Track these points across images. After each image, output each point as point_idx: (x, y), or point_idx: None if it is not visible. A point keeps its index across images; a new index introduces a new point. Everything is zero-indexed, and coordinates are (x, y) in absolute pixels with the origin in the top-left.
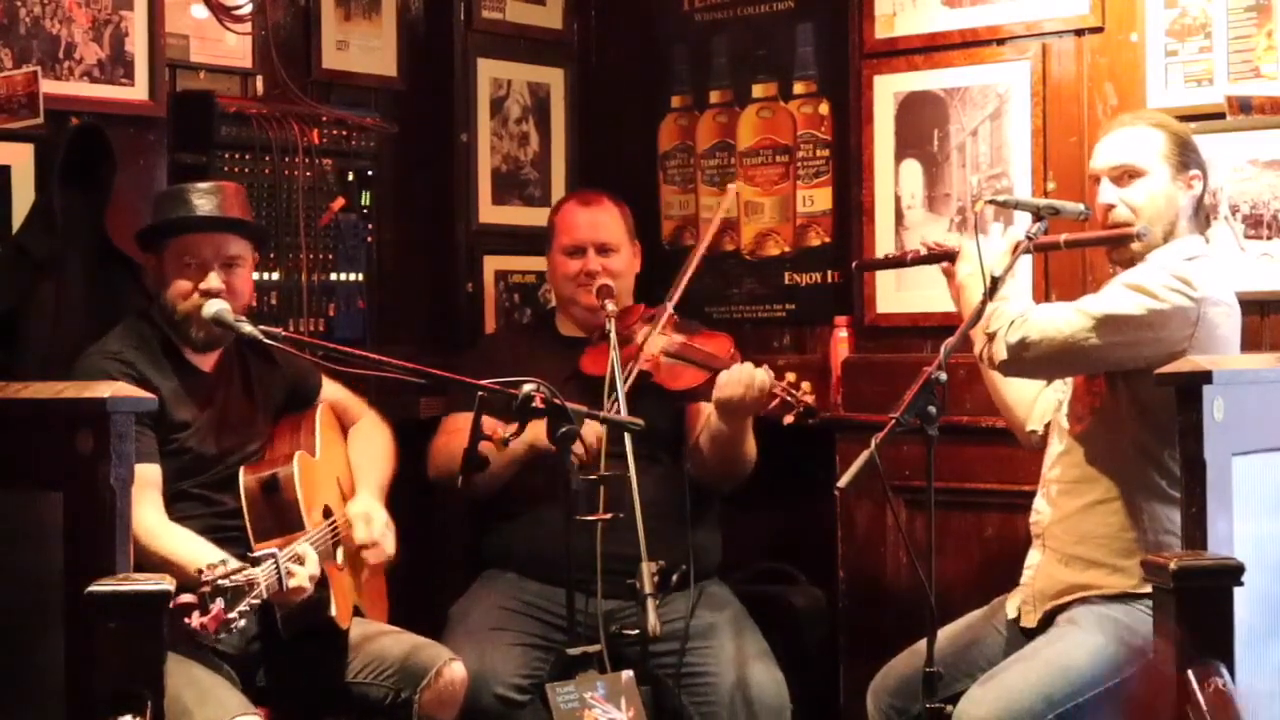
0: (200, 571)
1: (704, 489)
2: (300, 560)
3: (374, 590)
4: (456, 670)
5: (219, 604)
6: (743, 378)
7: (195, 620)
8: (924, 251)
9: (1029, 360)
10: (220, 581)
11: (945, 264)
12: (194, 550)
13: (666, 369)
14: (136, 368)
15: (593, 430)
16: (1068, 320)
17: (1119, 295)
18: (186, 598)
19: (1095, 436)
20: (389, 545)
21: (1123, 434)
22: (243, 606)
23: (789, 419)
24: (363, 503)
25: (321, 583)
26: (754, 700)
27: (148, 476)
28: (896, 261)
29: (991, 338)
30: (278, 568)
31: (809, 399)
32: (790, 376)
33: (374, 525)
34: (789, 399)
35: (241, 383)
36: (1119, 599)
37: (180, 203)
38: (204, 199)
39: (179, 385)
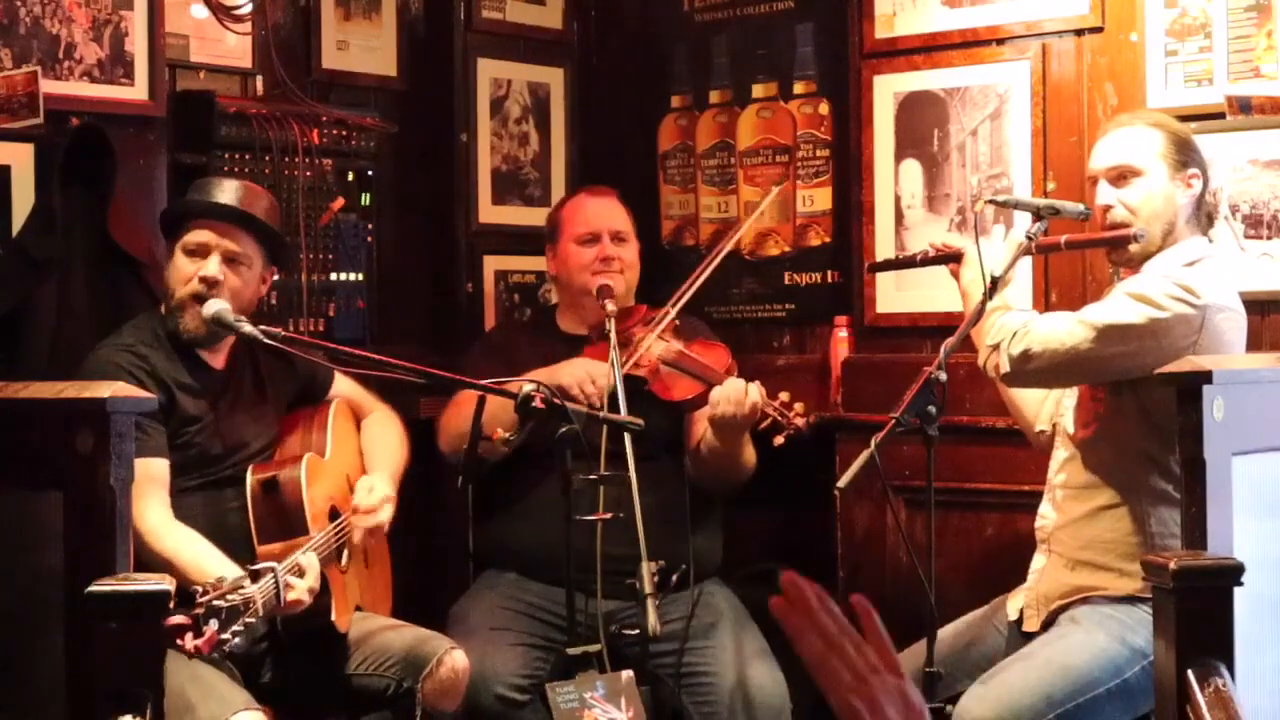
0: (197, 591)
1: (704, 492)
2: (300, 573)
3: (379, 582)
4: (458, 659)
5: (213, 625)
6: (735, 396)
7: (189, 643)
8: (932, 252)
9: (1031, 372)
10: (215, 602)
11: (952, 264)
12: (196, 553)
13: (662, 377)
14: (149, 361)
15: (586, 374)
16: (1070, 331)
17: (1121, 305)
18: (180, 619)
19: (1100, 442)
20: (383, 514)
21: (1128, 439)
22: (237, 626)
23: (779, 440)
24: (369, 479)
25: (323, 589)
26: (754, 700)
27: (157, 472)
28: (907, 262)
29: (994, 349)
30: (276, 583)
31: (800, 421)
32: (784, 396)
33: (374, 494)
34: (780, 419)
35: (253, 379)
36: (1122, 600)
37: (202, 190)
38: (225, 192)
39: (191, 380)
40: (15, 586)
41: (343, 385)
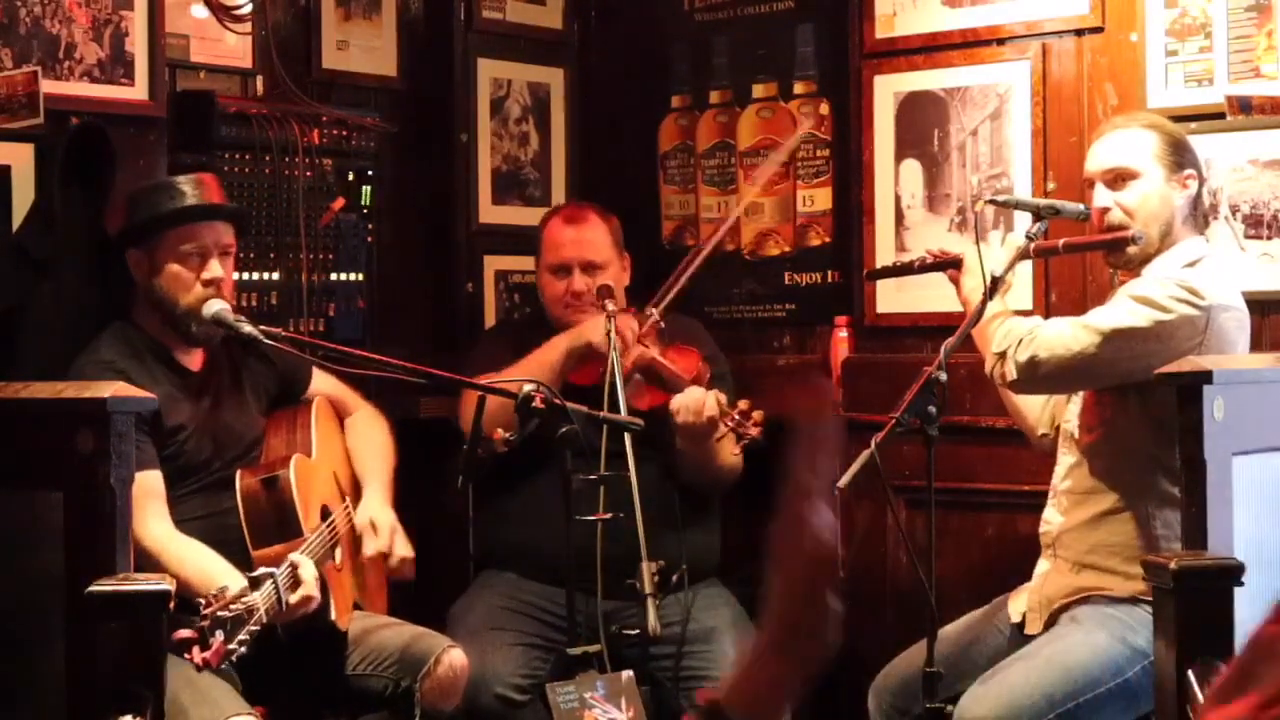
0: (200, 603)
1: (697, 490)
2: (299, 576)
3: (374, 580)
4: (456, 657)
5: (219, 637)
6: (692, 405)
7: (197, 656)
8: (929, 259)
9: (1039, 378)
10: (219, 614)
11: (950, 271)
12: (202, 565)
13: (633, 386)
14: (130, 377)
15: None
16: (1075, 336)
17: (1125, 308)
18: (186, 633)
19: (1106, 446)
20: (400, 548)
21: (1133, 443)
22: (243, 635)
23: (736, 450)
24: (367, 509)
25: (321, 589)
26: None
27: (151, 485)
28: (904, 269)
29: (1001, 357)
30: (276, 588)
31: (756, 431)
32: (742, 404)
33: (381, 533)
34: (737, 430)
35: (231, 377)
36: (1123, 600)
37: (174, 194)
38: (194, 189)
39: (172, 389)
40: (15, 586)
41: (323, 383)
